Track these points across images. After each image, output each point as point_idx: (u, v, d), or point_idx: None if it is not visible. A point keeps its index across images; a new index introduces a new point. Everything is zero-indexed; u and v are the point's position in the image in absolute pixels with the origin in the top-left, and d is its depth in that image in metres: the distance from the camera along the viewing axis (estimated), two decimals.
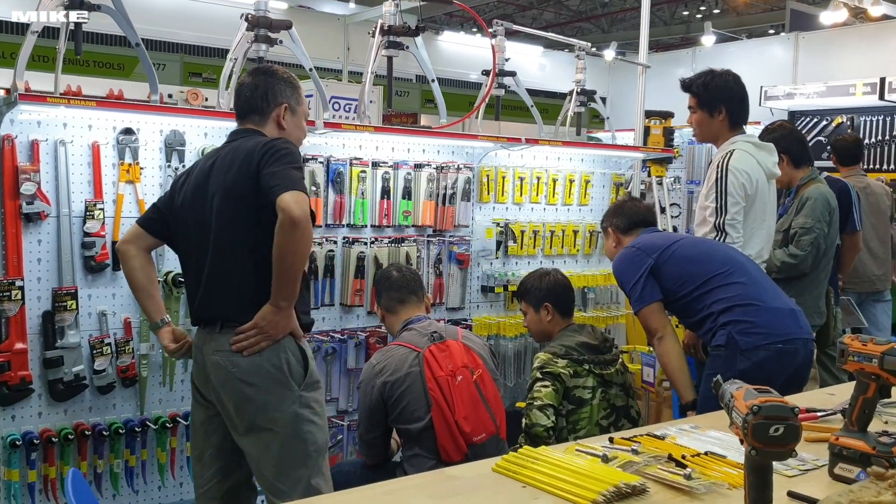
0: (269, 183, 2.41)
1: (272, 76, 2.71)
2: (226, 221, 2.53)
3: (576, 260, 4.57)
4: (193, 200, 2.61)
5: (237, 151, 2.55)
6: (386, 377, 3.04)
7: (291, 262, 2.41)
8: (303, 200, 2.38)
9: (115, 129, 3.14)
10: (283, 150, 2.48)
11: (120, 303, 3.17)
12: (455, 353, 3.10)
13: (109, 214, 3.14)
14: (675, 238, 3.23)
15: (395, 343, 3.18)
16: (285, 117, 2.68)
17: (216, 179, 2.56)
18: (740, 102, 3.54)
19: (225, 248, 2.54)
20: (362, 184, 3.71)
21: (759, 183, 3.45)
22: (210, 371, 2.57)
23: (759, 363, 2.82)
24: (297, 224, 2.34)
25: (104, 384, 3.14)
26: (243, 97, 2.70)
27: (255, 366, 2.51)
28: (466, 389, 3.05)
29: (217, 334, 2.56)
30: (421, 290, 3.35)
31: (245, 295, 2.53)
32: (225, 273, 2.55)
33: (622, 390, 3.43)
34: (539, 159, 4.37)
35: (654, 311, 3.07)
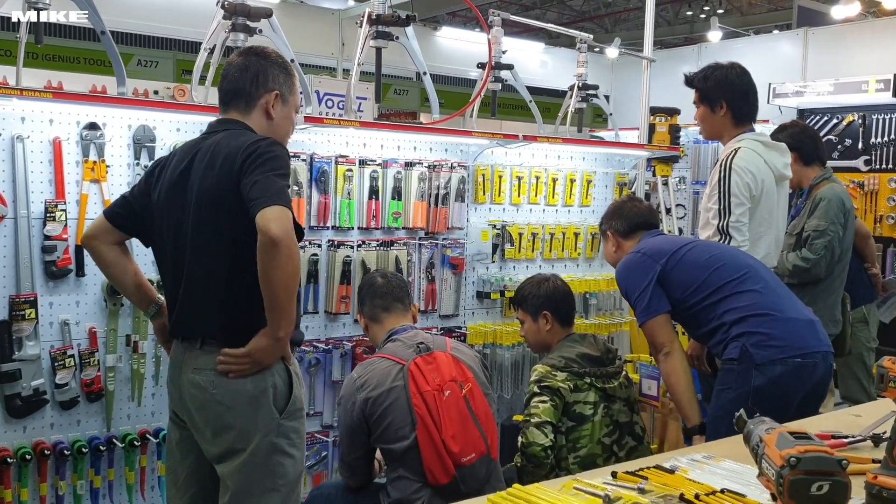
0: (249, 196, 2.17)
1: (265, 58, 2.46)
2: (206, 229, 2.29)
3: (577, 264, 4.33)
4: (169, 199, 2.37)
5: (218, 150, 2.30)
6: (367, 392, 2.81)
7: (280, 287, 2.17)
8: (284, 217, 2.13)
9: (78, 124, 2.91)
10: (268, 154, 2.23)
11: (84, 311, 2.94)
12: (443, 365, 2.86)
13: (72, 216, 2.91)
14: (683, 242, 3.00)
15: (377, 355, 2.95)
16: (275, 106, 2.43)
17: (195, 179, 2.31)
18: (743, 97, 3.31)
19: (206, 258, 2.30)
20: (348, 183, 3.47)
21: (765, 184, 3.23)
22: (186, 391, 2.33)
23: (776, 379, 2.59)
24: (278, 245, 2.10)
25: (67, 399, 2.91)
26: (230, 78, 2.43)
27: (237, 388, 2.27)
28: (455, 405, 2.82)
29: (198, 351, 2.32)
30: (407, 298, 3.12)
31: (231, 311, 2.30)
32: (207, 285, 2.31)
33: (626, 405, 3.20)
34: (538, 157, 4.14)
35: (661, 324, 2.84)
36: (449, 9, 14.11)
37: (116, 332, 2.99)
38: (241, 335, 2.27)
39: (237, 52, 2.52)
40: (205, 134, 2.45)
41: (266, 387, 2.29)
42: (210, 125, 2.47)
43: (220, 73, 2.48)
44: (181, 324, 2.37)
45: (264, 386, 2.29)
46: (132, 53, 10.02)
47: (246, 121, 2.41)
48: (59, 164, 2.87)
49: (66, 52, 8.43)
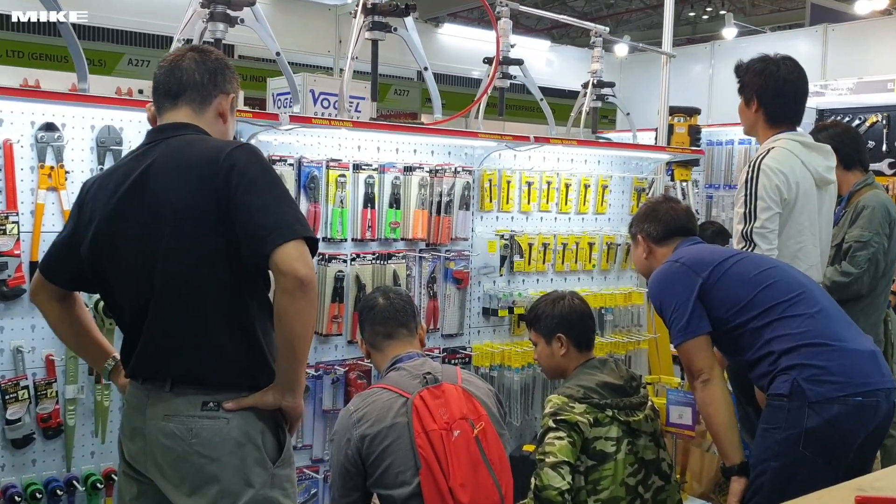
0: (255, 224, 1.85)
1: (220, 58, 2.12)
2: (185, 252, 1.93)
3: (591, 276, 3.98)
4: (118, 223, 1.99)
5: (185, 156, 1.95)
6: (365, 428, 2.46)
7: (300, 335, 1.87)
8: (306, 253, 1.84)
9: (33, 125, 2.57)
10: (259, 167, 1.91)
11: (41, 336, 2.59)
12: (452, 400, 2.52)
13: (27, 229, 2.57)
14: (729, 253, 2.64)
15: (378, 385, 2.60)
16: (229, 112, 2.11)
17: (160, 194, 1.95)
18: (775, 97, 2.98)
19: (183, 285, 1.94)
20: (341, 190, 3.12)
21: (800, 187, 2.89)
22: (155, 442, 1.96)
23: (832, 420, 2.23)
24: (306, 287, 1.81)
25: (19, 437, 2.57)
26: (182, 70, 2.06)
27: (221, 435, 1.92)
28: (465, 448, 2.46)
29: (167, 394, 1.96)
30: (413, 322, 2.76)
31: (214, 349, 1.95)
32: (183, 317, 1.95)
33: (652, 440, 2.84)
34: (549, 161, 3.79)
35: (700, 347, 2.49)
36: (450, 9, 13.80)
37: (77, 359, 2.64)
38: (225, 377, 1.95)
39: (184, 48, 2.15)
40: (148, 143, 2.08)
41: (255, 433, 1.95)
42: (156, 131, 2.10)
43: (163, 65, 2.10)
44: (145, 362, 2.01)
45: (253, 432, 1.95)
46: (123, 52, 9.72)
47: (198, 122, 2.06)
48: (9, 170, 2.53)
49: (48, 51, 8.11)
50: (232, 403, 1.94)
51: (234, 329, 1.94)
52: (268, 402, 1.95)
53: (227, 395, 1.95)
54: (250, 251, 1.87)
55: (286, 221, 1.85)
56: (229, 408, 1.93)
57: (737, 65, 3.12)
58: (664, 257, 2.81)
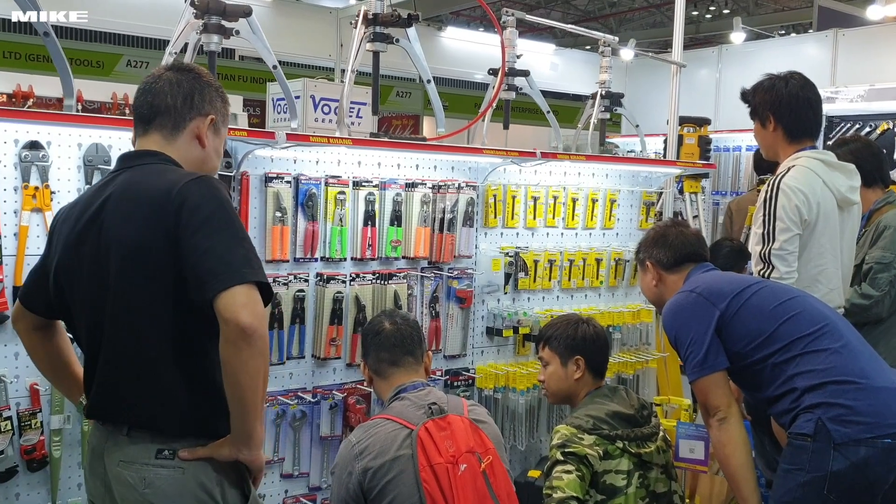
0: (200, 268, 1.71)
1: (200, 77, 1.99)
2: (130, 297, 1.81)
3: (598, 294, 3.86)
4: (74, 258, 1.89)
5: (136, 192, 1.83)
6: (368, 461, 2.36)
7: (248, 387, 1.72)
8: (254, 300, 1.69)
9: (16, 143, 2.45)
10: (211, 203, 1.77)
11: (25, 364, 2.47)
12: (459, 432, 2.41)
13: (10, 252, 2.45)
14: (747, 282, 2.50)
15: (381, 416, 2.49)
16: (208, 134, 1.97)
17: (110, 232, 1.83)
18: (792, 110, 2.88)
19: (130, 333, 1.83)
20: (340, 208, 3.00)
21: (821, 208, 2.78)
22: (114, 486, 1.85)
23: (859, 464, 2.10)
24: (250, 337, 1.67)
25: (2, 470, 2.45)
26: (155, 91, 1.93)
27: (176, 486, 1.80)
28: (472, 483, 2.35)
29: (124, 439, 1.85)
30: (419, 349, 2.65)
31: (167, 395, 1.83)
32: (132, 366, 1.84)
33: (664, 472, 2.73)
34: (556, 175, 3.66)
35: (717, 383, 2.36)
36: (452, 8, 13.66)
37: None
38: (180, 425, 1.83)
39: (164, 66, 2.03)
40: (114, 171, 1.96)
41: (212, 486, 1.83)
42: (121, 158, 1.98)
43: (140, 87, 1.98)
44: (100, 405, 1.90)
45: (209, 485, 1.82)
46: (121, 53, 9.59)
47: (169, 150, 1.93)
48: None
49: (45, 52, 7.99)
50: (186, 452, 1.82)
51: (189, 375, 1.82)
52: (223, 454, 1.82)
53: (185, 443, 1.83)
54: (196, 296, 1.73)
55: (233, 265, 1.70)
56: (184, 457, 1.82)
57: (742, 91, 3.02)
58: (675, 284, 2.69)
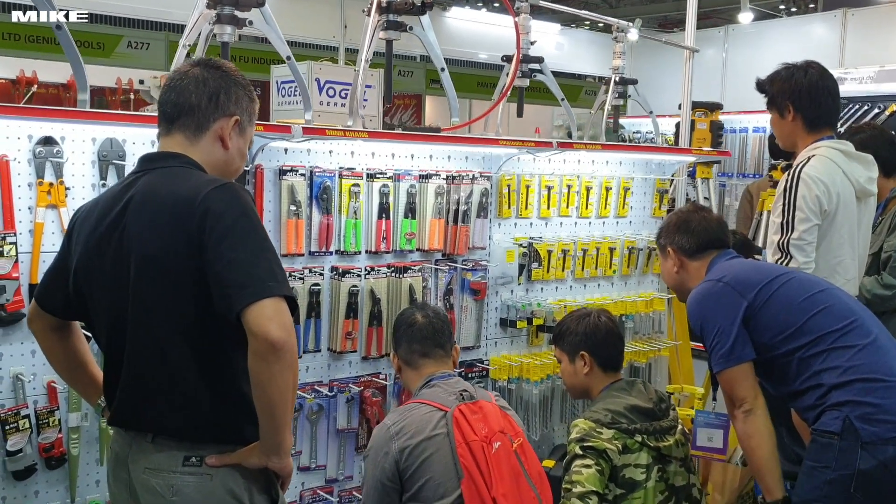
0: (225, 280, 1.68)
1: (228, 75, 1.94)
2: (152, 306, 1.79)
3: (611, 283, 3.84)
4: (95, 262, 1.87)
5: (159, 198, 1.80)
6: (404, 441, 2.43)
7: (278, 400, 1.71)
8: (282, 313, 1.67)
9: (30, 139, 2.41)
10: (237, 214, 1.73)
11: (41, 362, 2.44)
12: (490, 415, 2.50)
13: (25, 249, 2.42)
14: (775, 272, 2.48)
15: (415, 401, 2.57)
16: (231, 135, 1.93)
17: (132, 238, 1.80)
18: (812, 99, 2.85)
19: (152, 342, 1.81)
20: (354, 200, 2.97)
21: (841, 198, 2.76)
22: (140, 493, 1.84)
23: (888, 463, 2.10)
24: (280, 351, 1.65)
25: (21, 468, 2.44)
26: (180, 90, 1.89)
27: (204, 493, 1.79)
28: (506, 460, 2.43)
29: (149, 446, 1.83)
30: (449, 343, 2.74)
31: (192, 403, 1.81)
32: (155, 374, 1.82)
33: (682, 465, 2.73)
34: (570, 164, 3.63)
35: (743, 375, 2.35)
36: None
37: None
38: (206, 432, 1.82)
39: (191, 62, 1.99)
40: (136, 172, 1.92)
41: (240, 491, 1.82)
42: (143, 160, 1.94)
43: (165, 83, 1.95)
44: (124, 412, 1.88)
45: (237, 490, 1.81)
46: (122, 35, 9.48)
47: (192, 151, 1.90)
48: (6, 188, 2.37)
49: (46, 33, 7.87)
50: (215, 459, 1.81)
51: (214, 383, 1.80)
52: (252, 462, 1.81)
53: (211, 449, 1.82)
54: (222, 308, 1.70)
55: (260, 277, 1.68)
56: (212, 464, 1.81)
57: (758, 81, 2.99)
58: (697, 272, 2.67)
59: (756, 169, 7.64)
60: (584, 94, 10.92)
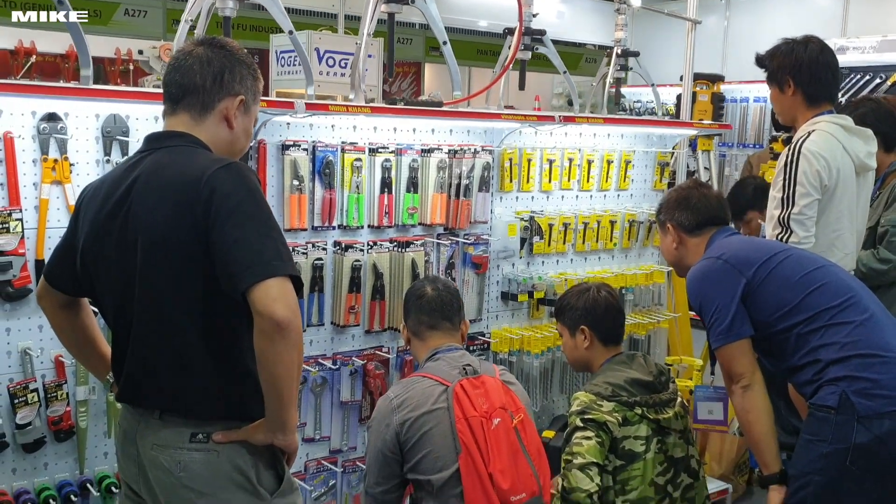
0: (231, 260, 1.70)
1: (232, 55, 1.94)
2: (159, 284, 1.81)
3: (612, 255, 3.86)
4: (101, 240, 1.88)
5: (166, 178, 1.81)
6: (405, 413, 2.47)
7: (283, 377, 1.73)
8: (287, 292, 1.69)
9: (34, 115, 2.42)
10: (242, 193, 1.75)
11: (49, 336, 2.46)
12: (492, 391, 2.53)
13: (31, 225, 2.44)
14: (773, 249, 2.50)
15: (418, 374, 2.60)
16: (237, 115, 1.93)
17: (137, 215, 1.82)
18: (813, 73, 2.86)
19: (159, 319, 1.83)
20: (357, 175, 2.98)
21: (841, 173, 2.78)
22: (148, 469, 1.88)
23: (883, 437, 2.14)
24: (286, 330, 1.67)
25: (30, 441, 2.48)
26: (185, 69, 1.89)
27: (211, 469, 1.82)
28: (505, 436, 2.46)
29: (156, 422, 1.86)
30: (457, 316, 2.75)
31: (199, 382, 1.83)
32: (162, 351, 1.84)
33: (681, 437, 2.77)
34: (572, 137, 3.63)
35: (741, 351, 2.38)
36: None
37: None
38: (213, 409, 1.85)
39: (195, 41, 1.99)
40: (142, 151, 1.93)
41: (247, 467, 1.85)
42: (148, 139, 1.95)
43: (169, 63, 1.95)
44: (132, 390, 1.91)
45: (244, 466, 1.85)
46: (118, 2, 9.39)
47: (197, 130, 1.90)
48: (11, 164, 2.38)
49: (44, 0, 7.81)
50: (221, 435, 1.84)
51: (220, 361, 1.83)
52: (258, 439, 1.84)
53: (218, 426, 1.85)
54: (228, 288, 1.72)
55: (265, 257, 1.70)
56: (218, 440, 1.84)
57: (757, 56, 2.99)
58: (696, 248, 2.70)
59: (756, 139, 7.63)
60: (584, 61, 10.85)
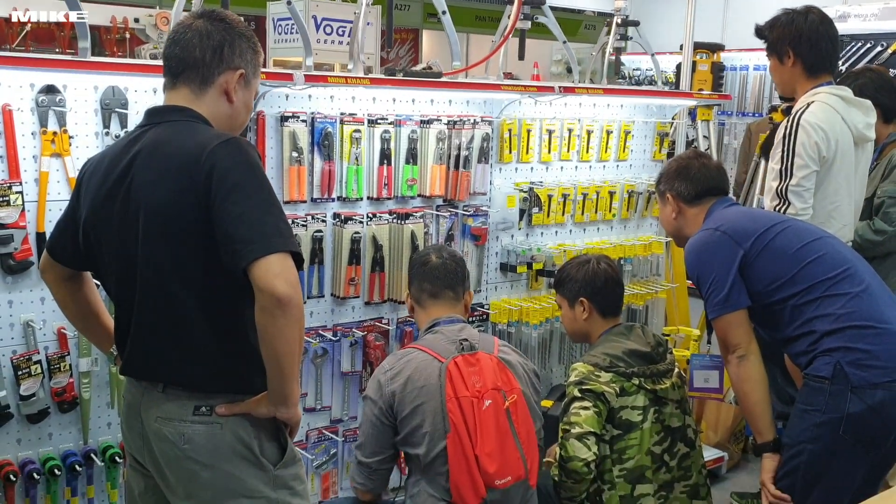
0: (232, 236, 1.71)
1: (232, 28, 1.92)
2: (161, 257, 1.81)
3: (611, 226, 3.87)
4: (102, 215, 1.89)
5: (167, 152, 1.81)
6: (398, 385, 2.47)
7: (284, 352, 1.75)
8: (288, 268, 1.70)
9: (32, 87, 2.41)
10: (243, 169, 1.75)
11: (51, 308, 2.48)
12: (486, 369, 2.50)
13: (31, 198, 2.44)
14: (770, 221, 2.51)
15: (414, 346, 2.60)
16: (237, 89, 1.93)
17: (139, 190, 1.82)
18: (813, 44, 2.86)
19: (161, 294, 1.84)
20: (356, 146, 2.98)
21: (840, 145, 2.79)
22: (152, 441, 1.90)
23: (876, 407, 2.17)
24: (286, 306, 1.68)
25: (35, 412, 2.51)
26: (184, 44, 1.88)
27: (214, 442, 1.84)
28: (493, 418, 2.45)
29: (160, 395, 1.88)
30: (461, 286, 2.73)
31: (201, 355, 1.85)
32: (164, 326, 1.85)
33: (678, 407, 2.80)
34: (571, 107, 3.62)
35: (738, 322, 2.41)
36: None
37: None
38: (215, 383, 1.86)
39: (194, 13, 1.97)
40: (142, 126, 1.93)
41: (249, 438, 1.87)
42: (149, 113, 1.95)
43: (168, 36, 1.94)
44: (135, 363, 1.93)
45: (247, 437, 1.87)
46: None
47: (197, 104, 1.90)
48: (10, 137, 2.38)
49: None
50: (224, 408, 1.86)
51: (222, 334, 1.84)
52: (261, 412, 1.86)
53: (221, 398, 1.87)
54: (229, 263, 1.73)
55: (265, 233, 1.70)
56: (221, 413, 1.85)
57: (757, 27, 2.99)
58: (695, 218, 2.71)
59: (756, 108, 7.61)
60: (583, 28, 10.77)
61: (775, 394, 3.07)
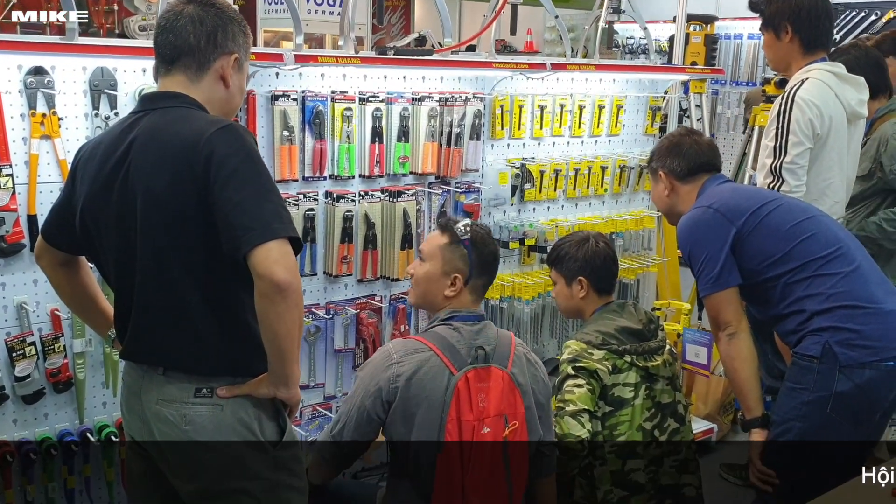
0: (231, 223, 1.71)
1: (223, 12, 1.92)
2: (160, 243, 1.82)
3: (602, 201, 3.88)
4: (100, 201, 1.89)
5: (165, 138, 1.81)
6: (401, 383, 2.31)
7: (284, 336, 1.76)
8: (287, 254, 1.70)
9: (20, 69, 2.39)
10: (241, 156, 1.75)
11: (44, 290, 2.49)
12: (494, 389, 2.36)
13: (22, 181, 2.43)
14: (763, 199, 2.52)
15: (428, 342, 2.37)
16: (232, 73, 1.92)
17: (136, 177, 1.82)
18: (811, 19, 2.84)
19: (161, 280, 1.84)
20: (347, 124, 2.97)
21: (833, 122, 2.79)
22: (153, 423, 1.92)
23: (863, 386, 2.20)
24: (286, 291, 1.70)
25: (30, 392, 2.52)
26: (178, 30, 1.87)
27: (216, 423, 1.87)
28: (490, 449, 2.34)
29: (160, 378, 1.89)
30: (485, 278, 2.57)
31: (202, 340, 1.86)
32: (165, 311, 1.87)
33: (669, 384, 2.83)
34: (563, 83, 3.61)
35: (729, 299, 2.43)
36: None
37: None
38: (216, 366, 1.88)
39: None
40: (137, 112, 1.92)
41: (250, 419, 1.89)
42: (144, 99, 1.95)
43: (158, 23, 1.92)
44: (135, 347, 1.94)
45: (248, 418, 1.89)
46: None
47: (193, 90, 1.90)
48: None
49: None
50: (225, 390, 1.87)
51: (222, 319, 1.86)
52: (262, 393, 1.88)
53: (221, 381, 1.89)
54: (229, 250, 1.74)
55: (264, 220, 1.71)
56: (222, 395, 1.87)
57: (751, 1, 2.95)
58: (688, 195, 2.72)
59: (750, 77, 7.57)
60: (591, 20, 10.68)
61: (765, 369, 3.11)
